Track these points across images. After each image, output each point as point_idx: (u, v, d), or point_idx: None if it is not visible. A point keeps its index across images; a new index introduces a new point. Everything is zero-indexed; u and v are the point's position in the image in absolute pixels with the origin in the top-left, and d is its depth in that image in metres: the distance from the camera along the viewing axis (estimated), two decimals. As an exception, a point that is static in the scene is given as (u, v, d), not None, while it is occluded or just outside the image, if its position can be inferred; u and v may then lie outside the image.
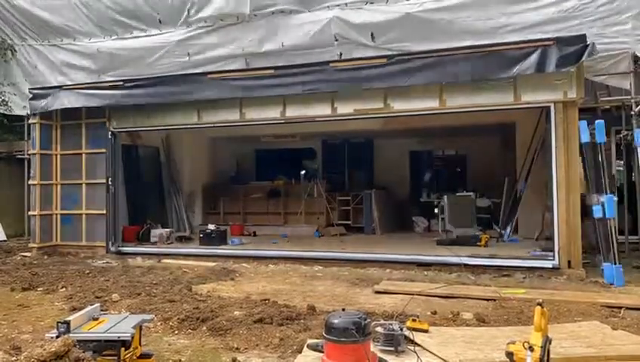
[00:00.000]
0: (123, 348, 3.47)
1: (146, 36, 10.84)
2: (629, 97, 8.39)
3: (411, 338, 4.25)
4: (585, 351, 4.11)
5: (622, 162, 10.59)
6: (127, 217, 11.31)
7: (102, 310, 4.55)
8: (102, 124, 10.42)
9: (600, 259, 7.39)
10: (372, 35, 9.21)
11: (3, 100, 11.96)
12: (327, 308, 5.54)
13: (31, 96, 10.64)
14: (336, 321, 3.49)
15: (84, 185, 10.37)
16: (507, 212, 11.13)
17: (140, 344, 3.80)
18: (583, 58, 7.26)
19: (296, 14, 9.78)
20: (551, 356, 3.30)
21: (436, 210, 12.00)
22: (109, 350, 3.46)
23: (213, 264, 8.99)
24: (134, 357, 3.66)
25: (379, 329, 4.17)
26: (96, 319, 3.75)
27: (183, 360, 4.29)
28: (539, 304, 3.29)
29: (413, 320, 4.60)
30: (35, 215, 10.46)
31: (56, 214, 10.71)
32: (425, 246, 9.97)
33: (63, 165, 10.70)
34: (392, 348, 4.09)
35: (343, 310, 3.92)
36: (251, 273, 8.34)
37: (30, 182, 10.83)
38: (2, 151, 13.03)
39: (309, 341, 4.34)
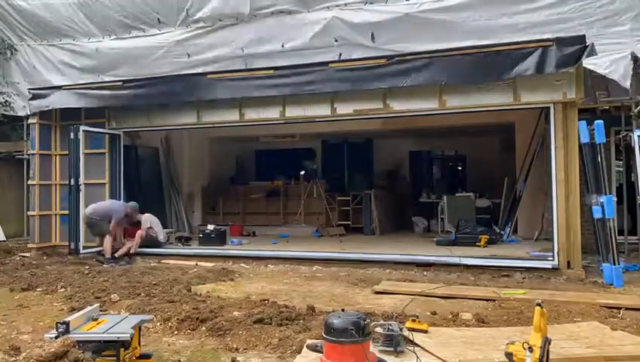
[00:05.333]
0: (122, 349, 3.46)
1: (145, 36, 10.83)
2: (628, 98, 8.39)
3: (411, 338, 4.25)
4: (584, 351, 4.11)
5: (621, 162, 10.59)
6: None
7: (101, 310, 4.56)
8: (101, 124, 10.42)
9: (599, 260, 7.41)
10: (372, 35, 9.20)
11: (6, 101, 11.94)
12: (327, 309, 5.53)
13: (30, 96, 10.63)
14: (335, 322, 3.49)
15: (83, 185, 10.35)
16: (506, 212, 11.14)
17: (139, 344, 3.80)
18: (583, 58, 7.27)
19: (295, 14, 9.77)
20: (550, 356, 3.30)
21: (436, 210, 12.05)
22: (108, 350, 3.46)
23: (213, 264, 8.98)
24: (134, 358, 3.65)
25: (378, 329, 4.17)
26: (96, 319, 3.74)
27: (182, 360, 4.29)
28: (538, 304, 3.29)
29: (413, 321, 4.60)
30: (34, 215, 10.45)
31: (56, 214, 10.70)
32: (424, 246, 9.97)
33: (62, 165, 10.69)
34: (391, 349, 4.08)
35: (343, 310, 3.92)
36: (251, 273, 8.33)
37: (29, 182, 10.82)
38: (2, 151, 13.01)
39: (309, 341, 4.34)
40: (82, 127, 10.07)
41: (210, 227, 10.96)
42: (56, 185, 10.76)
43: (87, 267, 8.64)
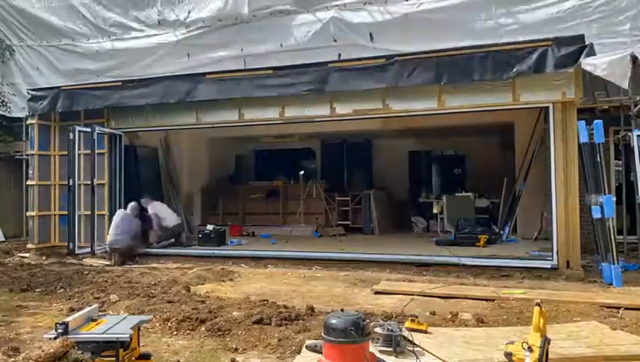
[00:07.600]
0: (121, 349, 3.46)
1: (145, 37, 10.85)
2: (627, 98, 8.39)
3: (410, 338, 4.24)
4: (584, 351, 4.11)
5: (620, 162, 10.60)
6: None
7: (100, 311, 4.55)
8: (101, 124, 10.41)
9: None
10: (371, 35, 9.23)
11: (3, 101, 11.93)
12: (326, 309, 5.54)
13: (29, 97, 10.62)
14: (334, 322, 3.48)
15: (82, 185, 10.35)
16: (506, 212, 11.14)
17: (138, 345, 3.79)
18: (582, 58, 7.27)
19: (295, 15, 9.79)
20: (550, 356, 3.30)
21: (435, 210, 12.05)
22: (107, 351, 3.46)
23: (212, 265, 8.97)
24: (133, 358, 3.65)
25: (378, 329, 4.16)
26: (95, 320, 3.74)
27: (181, 360, 4.29)
28: (537, 304, 3.29)
29: (412, 321, 4.60)
30: (33, 216, 10.43)
31: (55, 215, 10.68)
32: (424, 246, 9.97)
33: (61, 166, 10.67)
34: (390, 349, 4.08)
35: (342, 310, 3.92)
36: (250, 274, 8.33)
37: (29, 182, 10.81)
38: (1, 152, 13.01)
39: (308, 341, 4.33)
40: (81, 128, 10.06)
41: (210, 227, 10.94)
42: (55, 186, 10.75)
43: (86, 267, 8.63)
